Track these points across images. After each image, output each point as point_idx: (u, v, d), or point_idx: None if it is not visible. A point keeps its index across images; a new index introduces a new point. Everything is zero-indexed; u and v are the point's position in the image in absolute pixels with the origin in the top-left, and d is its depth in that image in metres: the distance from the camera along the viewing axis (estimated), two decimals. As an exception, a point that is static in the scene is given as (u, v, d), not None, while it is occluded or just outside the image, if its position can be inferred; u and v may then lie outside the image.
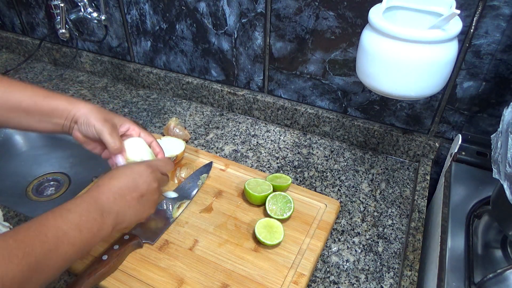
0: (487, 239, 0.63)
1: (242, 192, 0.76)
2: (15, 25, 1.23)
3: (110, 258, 0.62)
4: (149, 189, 0.59)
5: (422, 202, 0.76)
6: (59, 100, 0.65)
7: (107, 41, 1.09)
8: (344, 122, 0.89)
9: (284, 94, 0.95)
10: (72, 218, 0.50)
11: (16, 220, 0.72)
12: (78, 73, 1.19)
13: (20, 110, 0.63)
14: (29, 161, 1.02)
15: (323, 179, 0.83)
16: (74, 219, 0.50)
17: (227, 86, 1.00)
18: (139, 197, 0.57)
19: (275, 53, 0.89)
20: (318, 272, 0.66)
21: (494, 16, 0.66)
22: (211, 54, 0.97)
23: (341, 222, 0.74)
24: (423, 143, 0.84)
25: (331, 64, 0.85)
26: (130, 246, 0.65)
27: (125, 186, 0.57)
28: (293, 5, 0.80)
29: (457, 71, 0.74)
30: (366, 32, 0.65)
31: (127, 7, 0.99)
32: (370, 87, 0.68)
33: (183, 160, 0.83)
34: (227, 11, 0.88)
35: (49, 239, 0.46)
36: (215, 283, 0.61)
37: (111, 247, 0.63)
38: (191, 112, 1.03)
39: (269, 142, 0.93)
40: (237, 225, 0.70)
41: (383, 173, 0.85)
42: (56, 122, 0.65)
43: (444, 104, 0.79)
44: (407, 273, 0.64)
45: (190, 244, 0.67)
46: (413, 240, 0.69)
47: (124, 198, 0.56)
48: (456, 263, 0.59)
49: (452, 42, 0.61)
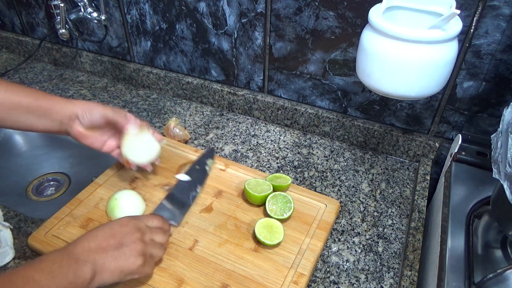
0: (487, 239, 0.63)
1: (242, 192, 0.76)
2: (15, 25, 1.23)
3: None
4: (129, 237, 0.55)
5: (422, 202, 0.76)
6: (58, 98, 0.68)
7: (107, 41, 1.09)
8: (344, 122, 0.89)
9: (284, 94, 0.95)
10: (44, 266, 0.48)
11: (16, 220, 0.72)
12: (78, 73, 1.19)
13: (21, 108, 0.65)
14: (29, 161, 1.02)
15: (323, 179, 0.83)
16: (46, 266, 0.48)
17: (227, 86, 1.00)
18: (117, 244, 0.54)
19: (275, 53, 0.89)
20: (318, 272, 0.66)
21: (494, 16, 0.66)
22: (211, 54, 0.97)
23: (341, 222, 0.74)
24: (423, 143, 0.84)
25: (331, 64, 0.85)
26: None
27: (101, 234, 0.55)
28: (293, 5, 0.80)
29: (457, 71, 0.74)
30: (366, 32, 0.65)
31: (127, 7, 0.99)
32: (370, 87, 0.68)
33: (187, 162, 0.83)
34: (227, 11, 0.88)
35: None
36: (215, 283, 0.61)
37: None
38: (191, 112, 1.03)
39: (269, 142, 0.93)
40: (237, 225, 0.70)
41: (383, 173, 0.85)
42: (55, 118, 0.67)
43: (444, 104, 0.79)
44: (407, 273, 0.64)
45: (190, 244, 0.67)
46: (413, 240, 0.69)
47: (100, 246, 0.53)
48: (456, 263, 0.59)
49: (452, 42, 0.61)
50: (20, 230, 0.70)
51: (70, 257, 0.50)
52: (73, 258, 0.50)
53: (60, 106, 0.67)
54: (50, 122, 0.67)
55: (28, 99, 0.65)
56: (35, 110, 0.66)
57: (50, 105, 0.66)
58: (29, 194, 0.96)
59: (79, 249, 0.52)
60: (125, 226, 0.57)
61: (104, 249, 0.53)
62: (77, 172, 1.01)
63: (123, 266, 0.54)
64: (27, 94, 0.66)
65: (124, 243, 0.55)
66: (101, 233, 0.55)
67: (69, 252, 0.51)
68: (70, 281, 0.48)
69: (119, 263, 0.53)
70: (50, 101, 0.67)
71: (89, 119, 0.67)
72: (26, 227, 0.71)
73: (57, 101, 0.67)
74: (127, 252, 0.54)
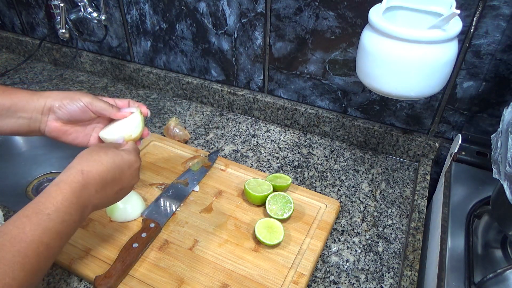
0: (487, 239, 0.63)
1: (242, 192, 0.76)
2: (15, 25, 1.23)
3: (140, 245, 0.64)
4: (130, 184, 0.56)
5: (422, 202, 0.76)
6: (21, 93, 0.57)
7: (107, 41, 1.09)
8: (344, 122, 0.89)
9: (284, 94, 0.95)
10: (53, 226, 0.45)
11: (16, 220, 0.72)
12: (78, 73, 1.19)
13: None
14: (29, 161, 1.02)
15: (323, 179, 0.83)
16: (55, 227, 0.45)
17: (227, 86, 1.00)
18: (118, 190, 0.54)
19: (275, 53, 0.89)
20: (318, 272, 0.66)
21: (494, 16, 0.66)
22: (211, 54, 0.97)
23: (341, 222, 0.74)
24: (423, 143, 0.84)
25: (331, 64, 0.85)
26: (155, 232, 0.67)
27: (111, 177, 0.52)
28: (293, 5, 0.80)
29: (457, 71, 0.74)
30: (366, 32, 0.65)
31: (127, 7, 0.99)
32: (370, 87, 0.68)
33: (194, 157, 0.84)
34: (227, 11, 0.88)
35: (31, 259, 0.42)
36: (215, 283, 0.61)
37: (139, 235, 0.65)
38: (191, 112, 1.03)
39: (269, 142, 0.93)
40: (237, 225, 0.70)
41: (383, 173, 0.85)
42: (21, 116, 0.57)
43: (444, 104, 0.79)
44: (407, 273, 0.64)
45: (190, 244, 0.67)
46: (413, 240, 0.69)
47: (105, 190, 0.52)
48: (456, 263, 0.59)
49: (452, 42, 0.61)
50: (20, 230, 0.70)
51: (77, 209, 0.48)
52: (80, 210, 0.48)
53: (25, 101, 0.56)
54: (15, 121, 0.56)
55: None
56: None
57: (13, 102, 0.56)
58: (29, 194, 0.96)
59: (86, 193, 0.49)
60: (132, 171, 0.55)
61: (107, 194, 0.53)
62: (77, 172, 1.00)
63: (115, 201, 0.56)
64: None
65: (123, 188, 0.55)
66: (111, 176, 0.52)
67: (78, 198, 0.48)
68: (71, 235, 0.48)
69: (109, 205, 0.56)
70: (13, 96, 0.56)
71: (68, 111, 0.57)
72: (26, 227, 0.71)
73: (20, 96, 0.56)
74: (120, 196, 0.56)
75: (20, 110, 0.56)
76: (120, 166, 0.53)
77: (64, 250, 0.64)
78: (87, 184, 0.49)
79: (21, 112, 0.56)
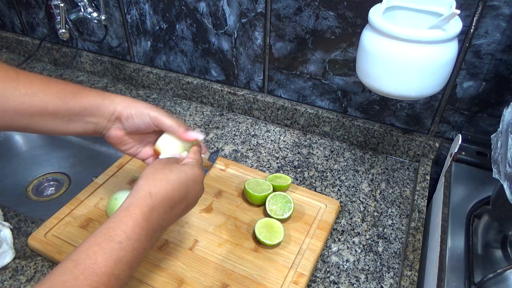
0: (487, 239, 0.63)
1: (242, 192, 0.76)
2: (15, 25, 1.23)
3: None
4: (196, 198, 0.54)
5: (422, 202, 0.76)
6: (92, 96, 0.55)
7: (107, 41, 1.09)
8: (344, 122, 0.89)
9: (284, 94, 0.95)
10: (124, 256, 0.43)
11: (16, 220, 0.72)
12: (78, 73, 1.19)
13: (46, 113, 0.53)
14: (29, 161, 1.02)
15: (323, 179, 0.83)
16: (126, 257, 0.43)
17: (227, 86, 1.00)
18: (185, 207, 0.52)
19: (275, 53, 0.89)
20: (318, 272, 0.66)
21: (494, 16, 0.66)
22: (211, 54, 0.97)
23: (341, 222, 0.74)
24: (423, 143, 0.84)
25: (331, 64, 0.85)
26: None
27: (177, 195, 0.50)
28: (293, 5, 0.80)
29: (457, 71, 0.74)
30: (366, 32, 0.65)
31: (127, 7, 0.99)
32: (370, 87, 0.68)
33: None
34: (227, 11, 0.88)
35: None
36: (215, 283, 0.61)
37: None
38: (191, 112, 1.03)
39: (269, 142, 0.93)
40: (237, 225, 0.70)
41: (383, 173, 0.85)
42: (89, 121, 0.55)
43: (444, 104, 0.79)
44: (407, 273, 0.64)
45: (190, 244, 0.67)
46: (413, 240, 0.69)
47: (173, 210, 0.50)
48: (456, 263, 0.59)
49: (452, 42, 0.61)
50: (20, 230, 0.70)
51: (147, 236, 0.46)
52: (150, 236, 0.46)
53: (96, 106, 0.55)
54: (83, 125, 0.56)
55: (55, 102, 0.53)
56: (64, 115, 0.54)
57: (83, 107, 0.54)
58: (29, 194, 0.96)
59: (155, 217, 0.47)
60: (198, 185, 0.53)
61: (175, 214, 0.51)
62: (77, 172, 1.01)
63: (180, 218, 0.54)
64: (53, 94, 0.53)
65: (190, 205, 0.54)
66: (177, 195, 0.50)
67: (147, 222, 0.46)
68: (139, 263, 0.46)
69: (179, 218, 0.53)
70: (84, 100, 0.54)
71: (134, 124, 0.56)
72: (26, 227, 0.71)
73: (91, 99, 0.55)
74: (190, 209, 0.54)
75: (89, 115, 0.55)
76: (185, 183, 0.52)
77: (64, 250, 0.64)
78: (156, 206, 0.48)
79: (89, 117, 0.55)
